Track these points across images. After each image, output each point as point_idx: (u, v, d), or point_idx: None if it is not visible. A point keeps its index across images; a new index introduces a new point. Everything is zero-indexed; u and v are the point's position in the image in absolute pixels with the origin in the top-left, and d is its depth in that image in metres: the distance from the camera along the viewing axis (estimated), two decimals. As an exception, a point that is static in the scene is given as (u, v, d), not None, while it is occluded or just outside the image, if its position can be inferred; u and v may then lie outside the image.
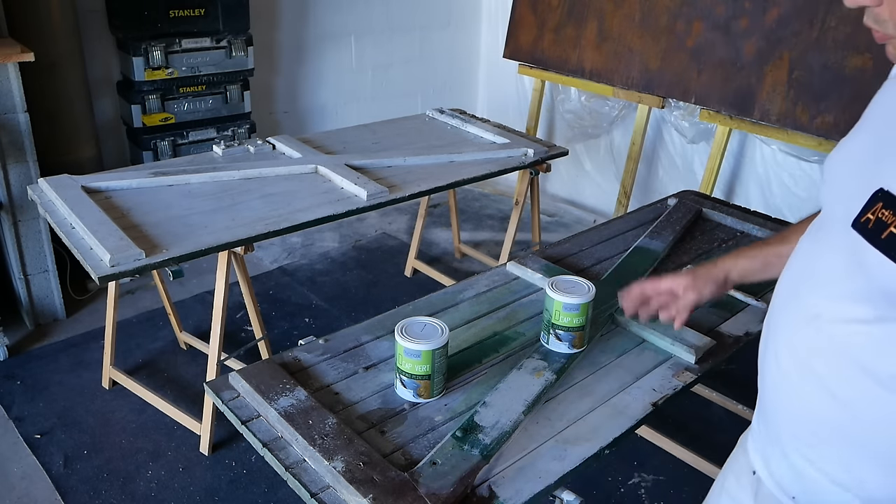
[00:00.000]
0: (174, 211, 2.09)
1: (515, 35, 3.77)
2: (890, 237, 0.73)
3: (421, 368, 1.33)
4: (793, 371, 0.89)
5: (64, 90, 2.99)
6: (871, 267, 0.76)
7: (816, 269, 0.87)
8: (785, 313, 0.93)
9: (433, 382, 1.36)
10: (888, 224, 0.74)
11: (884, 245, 0.74)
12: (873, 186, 0.78)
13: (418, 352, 1.31)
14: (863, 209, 0.78)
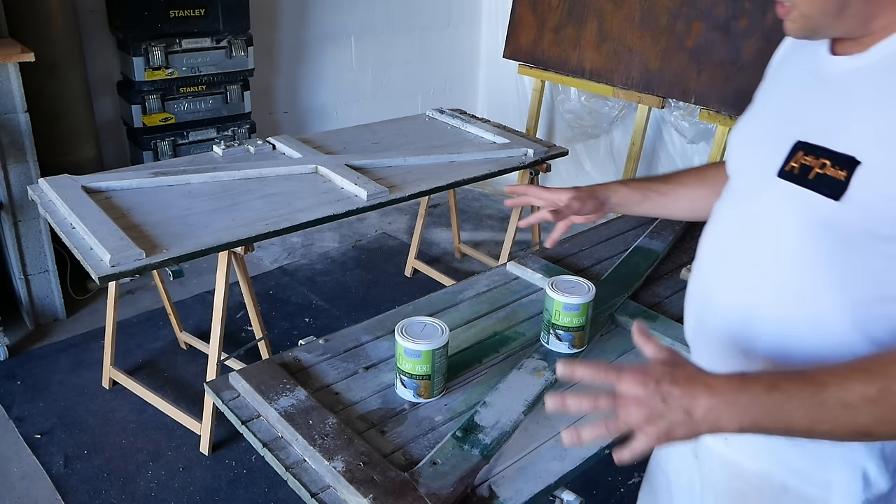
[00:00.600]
0: (174, 211, 2.09)
1: (515, 35, 3.77)
2: (817, 177, 0.86)
3: (421, 368, 1.33)
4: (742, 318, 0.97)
5: (64, 90, 2.99)
6: (805, 206, 0.88)
7: (749, 224, 0.97)
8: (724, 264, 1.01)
9: (433, 382, 1.36)
10: (812, 167, 0.87)
11: (813, 184, 0.86)
12: (790, 141, 0.91)
13: (418, 352, 1.31)
14: (786, 160, 0.91)
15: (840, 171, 0.83)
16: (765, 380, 0.80)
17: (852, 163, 0.83)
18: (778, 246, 0.92)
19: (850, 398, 0.77)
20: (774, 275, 0.93)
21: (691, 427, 0.79)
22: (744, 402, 0.79)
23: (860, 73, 0.87)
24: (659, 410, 0.80)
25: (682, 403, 0.79)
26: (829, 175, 0.84)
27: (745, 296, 0.97)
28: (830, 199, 0.84)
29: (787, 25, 0.92)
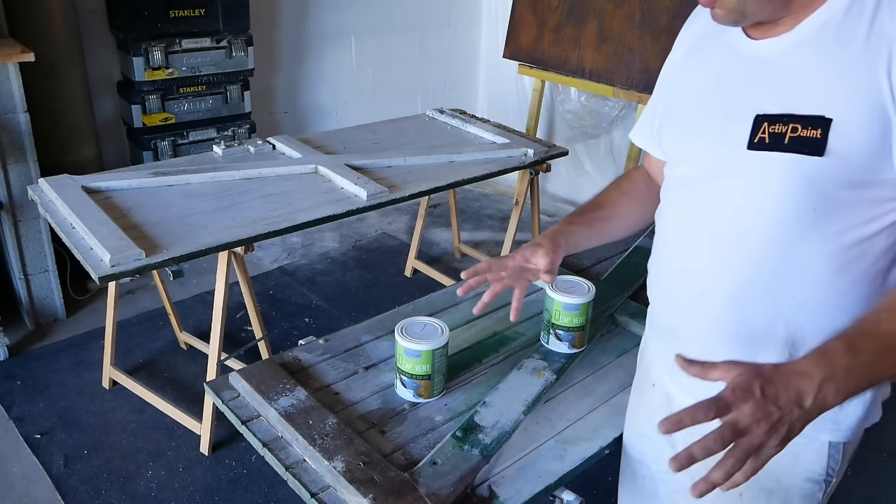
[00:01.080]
0: (174, 211, 2.09)
1: (515, 35, 3.77)
2: (793, 140, 0.93)
3: (421, 368, 1.33)
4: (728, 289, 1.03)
5: (64, 90, 2.98)
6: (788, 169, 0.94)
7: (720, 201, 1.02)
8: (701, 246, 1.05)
9: (433, 382, 1.36)
10: (785, 133, 0.93)
11: (792, 146, 0.93)
12: (748, 116, 0.97)
13: (418, 352, 1.31)
14: (751, 133, 0.96)
15: (814, 131, 0.91)
16: (840, 348, 0.84)
17: (824, 121, 0.90)
18: (762, 213, 0.98)
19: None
20: (761, 241, 0.99)
21: (806, 416, 0.82)
22: (840, 374, 0.82)
23: (799, 47, 0.95)
24: (777, 415, 0.80)
25: (792, 399, 0.81)
26: (805, 136, 0.92)
27: (736, 269, 1.02)
28: (814, 156, 0.91)
29: (714, 13, 0.97)
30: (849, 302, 0.97)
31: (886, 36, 0.88)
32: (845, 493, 2.23)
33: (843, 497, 2.22)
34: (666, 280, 1.14)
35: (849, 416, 1.02)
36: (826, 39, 0.93)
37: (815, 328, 0.99)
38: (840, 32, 0.91)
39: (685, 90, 1.12)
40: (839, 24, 0.92)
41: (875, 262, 0.96)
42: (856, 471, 2.31)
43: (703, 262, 1.06)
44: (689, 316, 1.10)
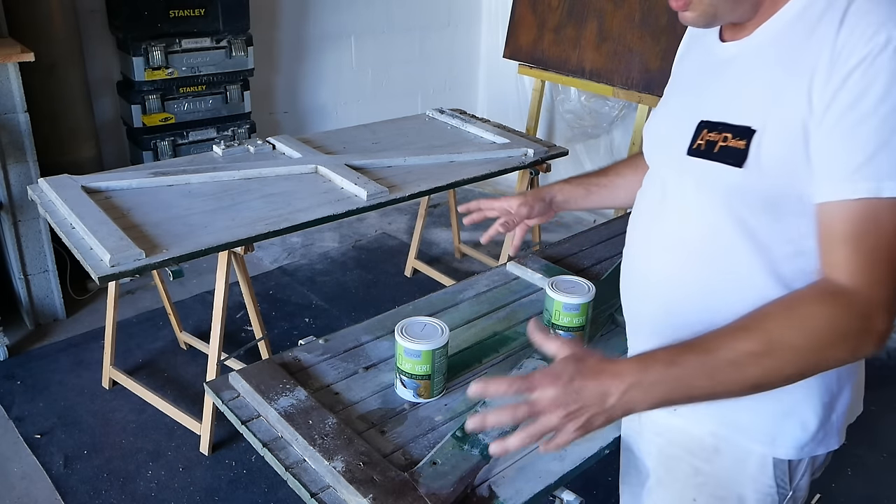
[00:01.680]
0: (174, 211, 2.09)
1: (515, 35, 3.77)
2: (721, 149, 0.93)
3: (421, 368, 1.33)
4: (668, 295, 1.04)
5: (64, 90, 2.98)
6: (715, 178, 0.94)
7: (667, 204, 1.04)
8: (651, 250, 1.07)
9: (433, 382, 1.36)
10: (716, 141, 0.93)
11: (719, 156, 0.93)
12: (695, 121, 0.97)
13: (418, 352, 1.31)
14: (692, 139, 0.97)
15: (740, 142, 0.91)
16: (662, 357, 0.87)
17: (748, 132, 0.90)
18: (699, 219, 0.99)
19: (739, 357, 0.84)
20: (698, 247, 0.99)
21: (608, 414, 0.86)
22: (649, 381, 0.86)
23: (746, 54, 0.95)
24: (575, 406, 0.85)
25: (596, 394, 0.85)
26: (731, 146, 0.92)
27: (674, 272, 1.02)
28: (735, 167, 0.91)
29: (685, 16, 0.96)
30: None
31: (819, 48, 0.85)
32: (845, 493, 2.23)
33: (843, 497, 2.23)
34: (624, 282, 1.16)
35: (785, 433, 1.00)
36: (771, 48, 0.92)
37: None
38: (784, 41, 0.90)
39: (668, 92, 1.14)
40: (786, 32, 0.90)
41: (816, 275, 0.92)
42: (856, 471, 2.31)
43: (646, 267, 1.07)
44: (637, 320, 1.13)
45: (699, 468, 1.08)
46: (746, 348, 0.84)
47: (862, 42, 0.81)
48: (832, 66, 0.83)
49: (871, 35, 0.81)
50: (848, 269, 0.84)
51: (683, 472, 1.10)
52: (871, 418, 2.53)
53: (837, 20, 0.84)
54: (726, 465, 1.05)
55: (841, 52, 0.82)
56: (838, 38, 0.83)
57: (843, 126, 0.82)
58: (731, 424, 1.03)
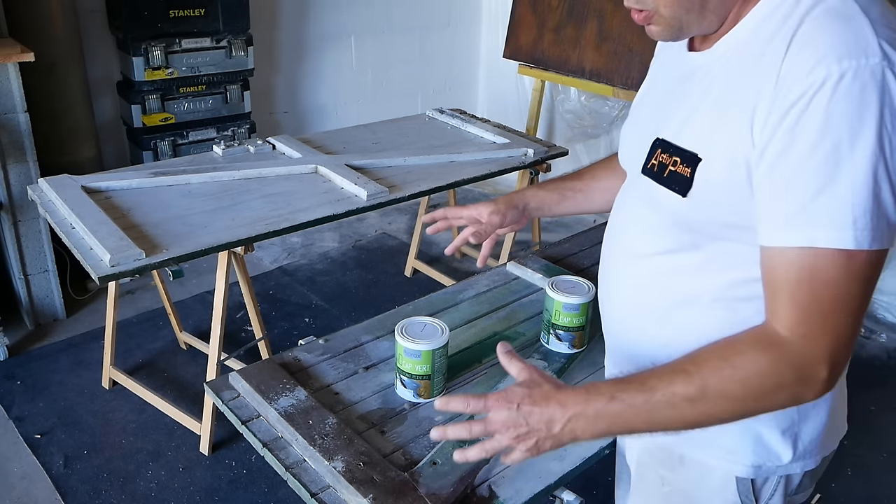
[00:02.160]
0: (174, 211, 2.09)
1: (515, 35, 3.77)
2: (670, 174, 0.91)
3: (421, 368, 1.33)
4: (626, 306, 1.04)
5: (64, 90, 2.98)
6: (662, 202, 0.93)
7: (628, 215, 1.04)
8: (613, 258, 1.07)
9: (433, 382, 1.36)
10: (667, 164, 0.91)
11: (667, 181, 0.91)
12: (651, 138, 0.96)
13: (418, 352, 1.31)
14: (647, 157, 0.96)
15: (686, 168, 0.89)
16: (605, 392, 0.88)
17: (695, 159, 0.88)
18: (650, 239, 0.98)
19: (674, 400, 0.85)
20: (650, 267, 0.99)
21: (555, 440, 0.89)
22: (591, 414, 0.87)
23: (704, 68, 0.92)
24: (524, 430, 0.89)
25: (542, 420, 0.88)
26: (678, 172, 0.90)
27: (631, 290, 1.03)
28: (679, 195, 0.90)
29: (651, 30, 0.93)
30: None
31: (763, 76, 0.80)
32: (845, 493, 2.23)
33: (843, 497, 2.23)
34: (599, 292, 1.15)
35: (744, 451, 0.98)
36: (726, 66, 0.88)
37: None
38: (736, 57, 0.86)
39: (639, 93, 1.11)
40: (739, 48, 0.86)
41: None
42: (856, 471, 2.31)
43: (610, 281, 1.07)
44: (608, 329, 1.13)
45: (665, 477, 1.08)
46: (683, 392, 0.84)
47: (801, 77, 0.77)
48: (773, 100, 0.79)
49: (809, 70, 0.76)
50: (786, 319, 0.82)
51: (652, 481, 1.10)
52: (871, 418, 2.53)
53: (785, 45, 0.80)
54: (690, 477, 1.04)
55: (782, 86, 0.78)
56: (782, 66, 0.79)
57: (781, 170, 0.79)
58: (690, 439, 1.00)
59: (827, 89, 0.75)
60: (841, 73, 0.75)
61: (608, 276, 1.10)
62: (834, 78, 0.75)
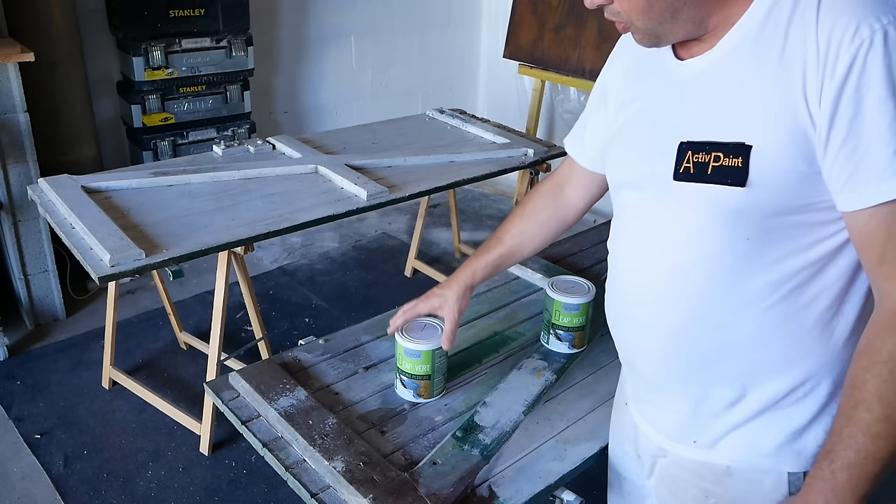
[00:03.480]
0: (174, 211, 2.09)
1: (515, 35, 3.77)
2: (715, 170, 0.89)
3: (421, 368, 1.33)
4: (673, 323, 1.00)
5: (64, 90, 2.98)
6: (713, 200, 0.90)
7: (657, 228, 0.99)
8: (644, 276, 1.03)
9: (433, 382, 1.36)
10: (707, 163, 0.89)
11: (714, 178, 0.89)
12: (673, 144, 0.93)
13: (418, 352, 1.31)
14: (676, 163, 0.93)
15: (735, 159, 0.87)
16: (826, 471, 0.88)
17: (744, 148, 0.86)
18: (697, 245, 0.95)
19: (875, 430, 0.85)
20: (701, 273, 0.95)
21: None
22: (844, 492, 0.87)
23: (715, 68, 0.92)
24: None
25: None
26: (726, 166, 0.88)
27: (675, 302, 0.99)
28: (737, 186, 0.88)
29: (633, 38, 0.96)
30: (802, 331, 0.94)
31: (799, 51, 0.83)
32: (845, 493, 2.22)
33: (843, 497, 2.22)
34: (615, 313, 1.13)
35: (808, 445, 0.99)
36: (744, 57, 0.88)
37: (766, 360, 0.97)
38: (756, 49, 0.87)
39: (627, 115, 1.07)
40: (756, 40, 0.87)
41: (829, 286, 0.92)
42: (856, 471, 2.31)
43: (646, 296, 1.03)
44: (639, 350, 1.09)
45: (709, 490, 1.05)
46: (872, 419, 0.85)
47: (847, 41, 0.79)
48: (823, 70, 0.81)
49: (853, 33, 0.79)
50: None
51: (691, 495, 1.08)
52: None
53: (812, 18, 0.82)
54: (739, 486, 1.03)
55: (827, 55, 0.80)
56: (819, 38, 0.81)
57: (855, 133, 0.81)
58: (754, 451, 1.01)
59: (878, 46, 0.78)
60: (884, 29, 0.79)
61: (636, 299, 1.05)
62: (880, 35, 0.78)
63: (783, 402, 0.98)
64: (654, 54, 1.00)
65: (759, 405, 0.99)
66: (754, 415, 0.99)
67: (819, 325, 0.93)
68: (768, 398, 0.98)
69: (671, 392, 1.07)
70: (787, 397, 0.97)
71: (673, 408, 1.07)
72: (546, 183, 1.34)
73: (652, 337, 1.04)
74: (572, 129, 1.27)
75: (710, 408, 1.02)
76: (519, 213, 1.35)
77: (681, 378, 1.03)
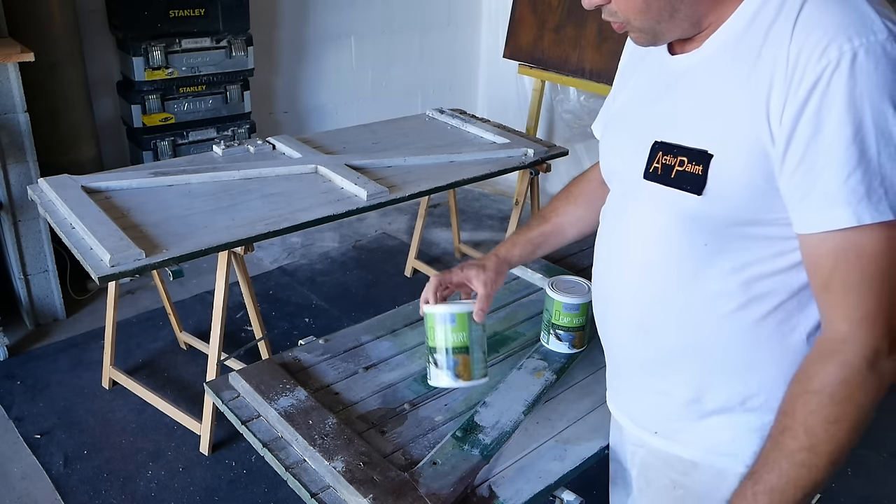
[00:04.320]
0: (174, 211, 2.09)
1: (515, 35, 3.77)
2: (678, 175, 0.90)
3: (457, 338, 1.19)
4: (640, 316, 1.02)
5: (64, 90, 2.99)
6: (673, 203, 0.91)
7: (630, 224, 1.01)
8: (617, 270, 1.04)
9: (473, 359, 1.21)
10: (673, 165, 0.90)
11: (676, 182, 0.90)
12: (649, 142, 0.94)
13: (452, 316, 1.18)
14: (647, 161, 0.94)
15: (697, 167, 0.87)
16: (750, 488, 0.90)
17: (706, 156, 0.87)
18: (662, 244, 0.96)
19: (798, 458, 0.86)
20: (665, 272, 0.97)
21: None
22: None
23: (696, 68, 0.92)
24: None
25: None
26: (688, 171, 0.88)
27: (642, 296, 1.00)
28: (693, 194, 0.88)
29: (631, 37, 0.96)
30: (759, 341, 0.94)
31: (770, 63, 0.81)
32: (845, 493, 2.23)
33: (843, 497, 2.23)
34: (596, 304, 1.14)
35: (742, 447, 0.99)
36: (722, 61, 0.88)
37: (722, 366, 0.97)
38: (734, 54, 0.86)
39: (622, 102, 1.09)
40: (736, 44, 0.86)
41: (786, 300, 0.91)
42: (856, 471, 2.31)
43: (618, 290, 1.05)
44: (612, 341, 1.11)
45: (677, 481, 1.08)
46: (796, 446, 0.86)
47: (814, 59, 0.78)
48: (788, 87, 0.80)
49: (822, 52, 0.77)
50: (843, 308, 0.83)
51: (662, 484, 1.10)
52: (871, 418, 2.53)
53: (788, 31, 0.81)
54: (704, 479, 1.05)
55: (794, 71, 0.79)
56: (790, 52, 0.80)
57: (812, 154, 0.79)
58: (711, 448, 1.02)
59: (844, 68, 0.77)
60: (853, 52, 0.77)
61: (612, 289, 1.07)
62: (848, 56, 0.77)
63: (738, 409, 0.99)
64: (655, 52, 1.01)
65: (714, 407, 1.00)
66: (709, 414, 1.01)
67: (775, 337, 0.93)
68: (723, 403, 0.99)
69: (634, 379, 1.10)
70: (742, 405, 0.98)
71: (637, 395, 1.10)
72: (584, 178, 1.33)
73: (621, 326, 1.06)
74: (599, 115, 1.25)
75: (671, 403, 1.04)
76: (565, 194, 1.33)
77: (644, 370, 1.06)
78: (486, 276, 1.23)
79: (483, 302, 1.21)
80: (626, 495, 1.27)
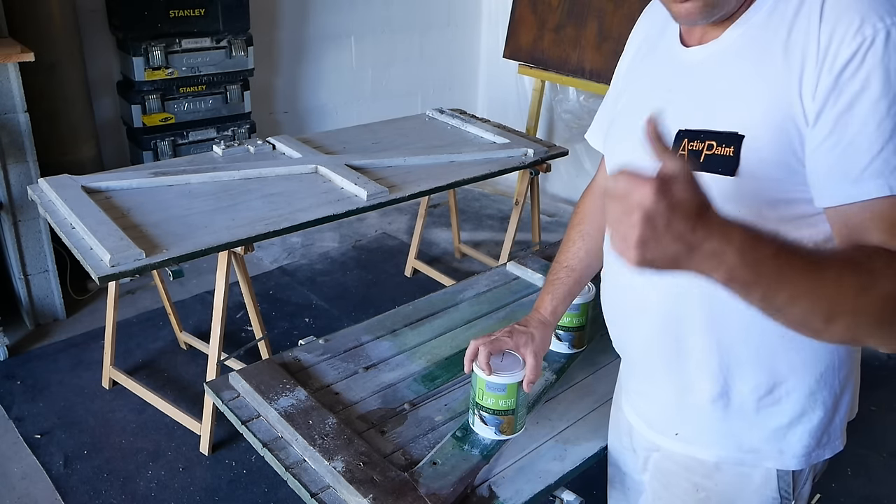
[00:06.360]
0: (174, 211, 2.09)
1: (515, 35, 3.77)
2: (707, 158, 0.89)
3: (504, 403, 1.22)
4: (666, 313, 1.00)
5: (64, 90, 2.99)
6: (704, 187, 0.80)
7: None
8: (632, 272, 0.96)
9: (517, 416, 1.25)
10: (701, 151, 0.90)
11: (706, 166, 0.88)
12: (672, 131, 0.93)
13: (503, 385, 1.20)
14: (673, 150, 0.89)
15: (727, 149, 0.87)
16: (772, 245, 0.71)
17: (736, 138, 0.87)
18: None
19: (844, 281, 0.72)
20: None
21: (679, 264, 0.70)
22: (750, 259, 0.70)
23: (716, 56, 0.93)
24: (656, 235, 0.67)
25: (690, 241, 0.68)
26: (718, 154, 0.88)
27: (668, 289, 0.98)
28: (726, 175, 0.88)
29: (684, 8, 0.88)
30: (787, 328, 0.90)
31: (801, 46, 0.83)
32: (845, 493, 2.23)
33: (843, 497, 2.23)
34: (609, 297, 1.12)
35: (791, 445, 1.00)
36: (746, 48, 0.89)
37: (751, 357, 0.97)
38: (759, 40, 0.87)
39: (631, 96, 1.09)
40: (759, 31, 0.88)
41: None
42: (856, 471, 2.31)
43: (638, 281, 0.99)
44: (630, 335, 1.10)
45: (699, 484, 1.07)
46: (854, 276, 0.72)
47: (849, 37, 0.79)
48: (822, 65, 0.81)
49: (856, 30, 0.79)
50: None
51: (683, 489, 1.09)
52: (871, 418, 2.53)
53: (816, 14, 0.82)
54: (728, 480, 1.04)
55: (827, 50, 0.81)
56: (821, 33, 0.81)
57: (845, 128, 0.80)
58: (737, 446, 1.02)
59: (878, 45, 0.79)
60: (887, 29, 0.79)
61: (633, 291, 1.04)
62: (882, 34, 0.79)
63: (765, 401, 0.98)
64: (658, 39, 1.02)
65: (741, 401, 0.99)
66: (735, 411, 1.00)
67: None
68: (749, 394, 0.99)
69: (656, 380, 1.08)
70: (770, 394, 0.98)
71: (658, 398, 1.09)
72: (587, 193, 1.32)
73: (645, 327, 1.04)
74: (593, 123, 1.25)
75: (697, 401, 1.02)
76: (577, 233, 1.30)
77: (669, 368, 1.04)
78: (536, 347, 1.24)
79: (532, 373, 1.22)
80: (624, 500, 1.27)
